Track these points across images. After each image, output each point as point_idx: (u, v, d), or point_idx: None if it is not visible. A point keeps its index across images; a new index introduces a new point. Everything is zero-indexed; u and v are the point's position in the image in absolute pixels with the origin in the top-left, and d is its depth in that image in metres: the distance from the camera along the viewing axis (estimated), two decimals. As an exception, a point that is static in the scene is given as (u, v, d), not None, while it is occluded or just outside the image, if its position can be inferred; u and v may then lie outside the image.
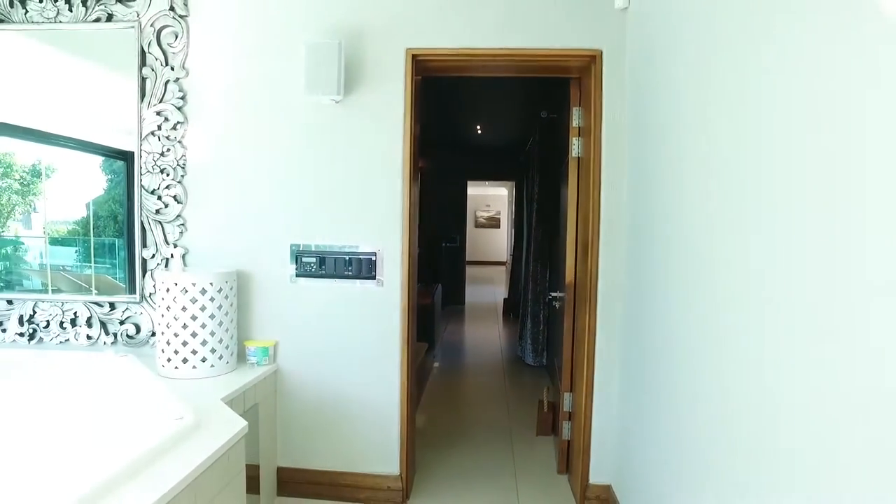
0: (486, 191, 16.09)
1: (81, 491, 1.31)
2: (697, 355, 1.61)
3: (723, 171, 1.44)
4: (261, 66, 2.66)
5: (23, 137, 3.01)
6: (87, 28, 2.75)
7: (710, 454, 1.48)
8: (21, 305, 2.84)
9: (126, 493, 1.40)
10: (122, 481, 1.43)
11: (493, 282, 12.56)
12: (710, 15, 1.57)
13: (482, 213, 17.00)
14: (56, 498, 1.27)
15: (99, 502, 1.33)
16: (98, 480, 1.36)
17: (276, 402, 2.71)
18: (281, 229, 2.67)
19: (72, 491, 1.30)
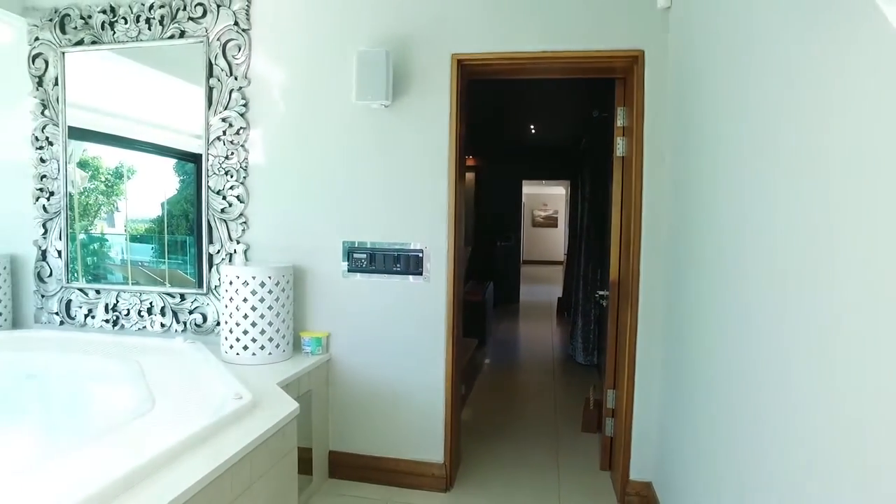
0: (543, 190, 16.02)
1: (158, 452, 1.50)
2: (742, 359, 1.58)
3: (771, 173, 1.37)
4: (314, 74, 2.84)
5: (108, 143, 3.33)
6: (163, 44, 3.02)
7: (757, 462, 1.41)
8: (107, 295, 3.15)
9: (194, 457, 1.58)
10: (192, 447, 1.62)
11: (550, 281, 12.51)
12: (754, 12, 1.53)
13: (539, 213, 16.92)
14: (139, 458, 1.46)
15: (173, 463, 1.52)
16: (172, 445, 1.55)
17: (329, 390, 2.88)
18: (334, 227, 2.84)
19: (150, 453, 1.49)
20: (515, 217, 9.80)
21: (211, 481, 1.53)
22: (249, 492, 1.77)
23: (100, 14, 3.08)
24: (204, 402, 1.98)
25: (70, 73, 3.19)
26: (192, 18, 2.95)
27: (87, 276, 3.25)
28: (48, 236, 3.25)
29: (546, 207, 16.83)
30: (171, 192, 3.25)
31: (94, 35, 3.11)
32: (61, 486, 1.34)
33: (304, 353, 2.79)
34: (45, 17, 3.16)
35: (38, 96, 3.21)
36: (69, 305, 3.23)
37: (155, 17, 3.00)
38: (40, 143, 3.23)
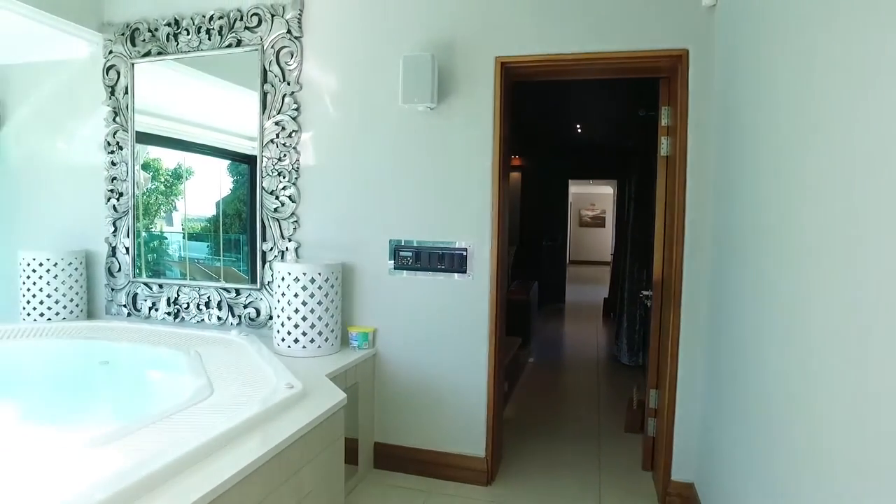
0: (590, 189, 15.84)
1: (218, 433, 1.63)
2: (791, 361, 1.54)
3: (824, 175, 1.33)
4: (362, 78, 2.96)
5: (169, 146, 3.55)
6: (221, 53, 3.20)
7: (819, 472, 1.33)
8: (168, 289, 3.36)
9: (249, 440, 1.71)
10: (248, 431, 1.75)
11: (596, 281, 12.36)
12: (811, 8, 1.46)
13: (587, 212, 16.73)
14: (202, 438, 1.59)
15: (231, 444, 1.65)
16: (230, 428, 1.68)
17: (374, 383, 2.99)
18: (380, 226, 2.95)
19: (211, 435, 1.62)
20: (562, 217, 9.75)
21: (264, 463, 1.64)
22: (299, 475, 1.88)
23: (165, 27, 3.28)
24: (258, 390, 2.11)
25: (138, 82, 3.42)
26: (248, 28, 3.12)
27: (149, 271, 3.48)
28: (117, 234, 3.49)
29: (594, 207, 16.63)
30: (225, 192, 3.43)
31: (160, 46, 3.32)
32: (134, 459, 1.48)
33: (351, 347, 2.91)
34: (118, 31, 3.40)
35: (110, 104, 3.46)
36: (135, 298, 3.46)
37: (214, 27, 3.18)
38: (111, 148, 3.47)
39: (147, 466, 1.43)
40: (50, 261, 3.31)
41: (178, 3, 3.28)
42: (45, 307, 3.31)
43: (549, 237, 9.27)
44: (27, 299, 3.32)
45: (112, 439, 1.64)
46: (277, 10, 3.06)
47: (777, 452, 1.58)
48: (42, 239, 3.68)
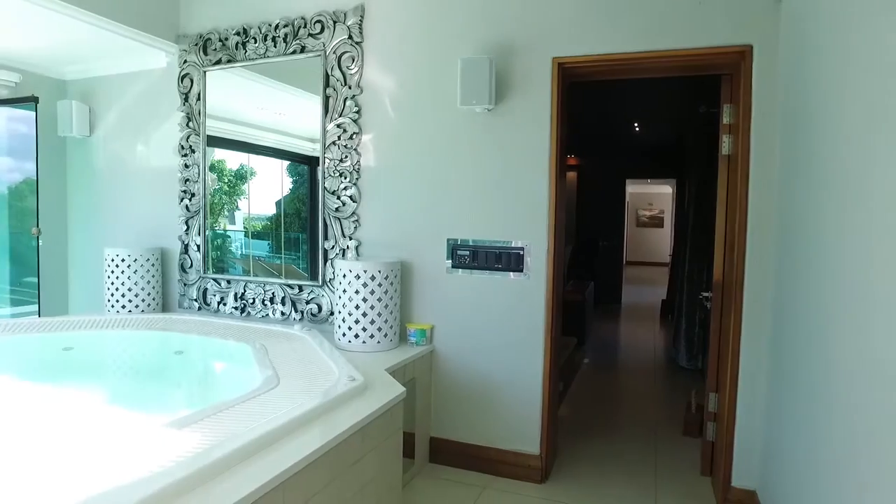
0: (648, 189, 15.46)
1: (285, 421, 1.73)
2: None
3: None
4: (421, 81, 3.03)
5: (234, 148, 3.75)
6: (286, 59, 3.34)
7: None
8: (236, 285, 3.55)
9: (313, 429, 1.80)
10: (312, 420, 1.84)
11: (654, 283, 12.07)
12: (882, 1, 1.41)
13: (644, 212, 16.35)
14: (272, 424, 1.69)
15: (296, 432, 1.75)
16: (296, 416, 1.78)
17: (431, 379, 3.06)
18: (438, 225, 3.01)
19: (280, 422, 1.72)
20: (619, 216, 9.59)
21: (330, 449, 1.73)
22: (359, 465, 1.96)
23: (234, 36, 3.46)
24: (321, 381, 2.21)
25: (209, 89, 3.62)
26: (312, 34, 3.25)
27: (214, 268, 3.68)
28: (189, 232, 3.70)
29: (651, 207, 16.23)
30: (285, 192, 3.59)
31: (229, 54, 3.51)
32: (211, 441, 1.59)
33: (409, 343, 2.99)
34: (192, 42, 3.61)
35: (184, 110, 3.67)
36: (205, 293, 3.66)
37: (279, 35, 3.33)
38: (185, 151, 3.68)
39: (223, 448, 1.54)
40: (130, 256, 3.55)
41: (247, 13, 3.45)
42: (126, 300, 3.56)
43: (605, 237, 9.13)
44: (111, 292, 3.58)
45: (189, 422, 1.76)
46: (339, 16, 3.17)
47: (847, 462, 1.54)
48: (123, 237, 3.95)
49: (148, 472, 1.39)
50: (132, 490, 1.30)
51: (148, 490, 1.30)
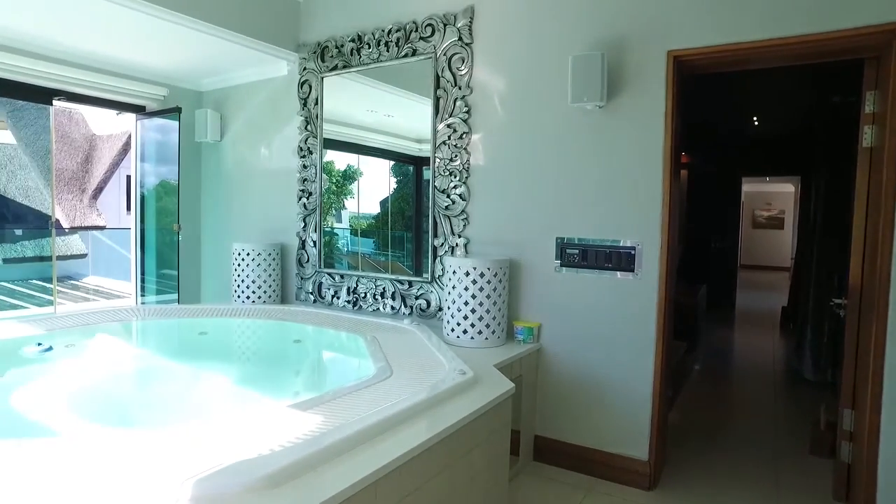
0: (766, 188, 14.39)
1: (402, 409, 1.80)
2: None
3: None
4: (531, 80, 3.03)
5: (343, 150, 3.94)
6: (397, 63, 3.47)
7: None
8: (349, 280, 3.73)
9: (427, 418, 1.86)
10: (425, 410, 1.91)
11: (772, 288, 11.22)
12: None
13: (762, 213, 15.23)
14: (390, 411, 1.78)
15: (411, 420, 1.82)
16: (411, 405, 1.86)
17: (538, 377, 3.05)
18: (547, 224, 3.00)
19: (397, 409, 1.80)
20: (733, 217, 9.01)
21: (438, 441, 1.78)
22: (469, 457, 2.01)
23: (350, 42, 3.64)
24: (432, 374, 2.28)
25: (325, 94, 3.83)
26: (423, 38, 3.34)
27: (327, 264, 3.88)
28: (307, 229, 3.94)
29: (770, 207, 15.08)
30: (389, 191, 3.73)
31: (345, 60, 3.69)
32: (333, 423, 1.70)
33: (516, 340, 3.00)
34: (310, 50, 3.84)
35: (303, 114, 3.92)
36: (320, 287, 3.88)
37: (392, 39, 3.46)
38: (303, 153, 3.93)
39: (344, 431, 1.63)
40: (255, 251, 3.85)
41: (361, 20, 3.62)
42: (250, 291, 3.86)
43: (718, 238, 8.61)
44: (237, 284, 3.90)
45: (311, 406, 1.88)
46: (449, 19, 3.24)
47: None
48: (248, 232, 4.28)
49: (277, 447, 1.52)
50: (260, 464, 1.42)
51: (274, 465, 1.41)
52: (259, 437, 1.60)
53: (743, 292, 9.51)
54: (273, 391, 2.70)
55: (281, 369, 3.15)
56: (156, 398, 2.61)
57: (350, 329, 3.18)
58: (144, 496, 1.28)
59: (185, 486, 1.31)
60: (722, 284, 8.50)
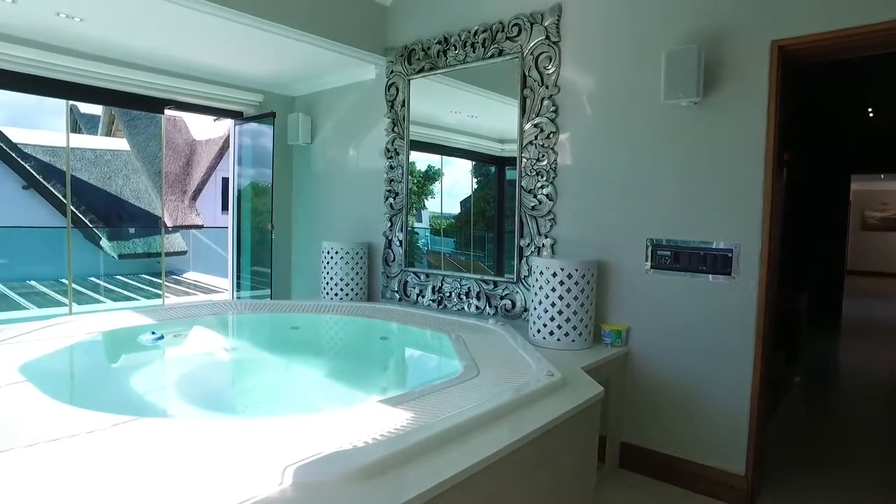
0: (881, 185, 13.21)
1: (492, 407, 1.81)
2: None
3: None
4: (620, 76, 2.95)
5: (427, 151, 3.99)
6: (483, 64, 3.48)
7: None
8: (434, 279, 3.78)
9: (516, 418, 1.85)
10: (513, 411, 1.89)
11: (887, 296, 10.30)
12: None
13: (874, 213, 13.99)
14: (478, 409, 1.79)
15: (499, 420, 1.82)
16: (499, 405, 1.86)
17: (625, 382, 2.96)
18: (637, 224, 2.91)
19: (486, 408, 1.81)
20: (839, 218, 8.34)
21: (528, 443, 1.76)
22: (556, 461, 1.98)
23: (436, 45, 3.69)
24: (519, 375, 2.27)
25: (411, 96, 3.91)
26: (509, 38, 3.33)
27: (411, 262, 3.95)
28: (393, 229, 4.03)
29: (885, 207, 13.82)
30: (470, 191, 3.74)
31: (431, 63, 3.75)
32: (422, 420, 1.72)
33: (603, 343, 2.93)
34: (398, 53, 3.93)
35: (390, 116, 4.02)
36: (406, 286, 3.96)
37: (478, 40, 3.47)
38: (390, 154, 4.02)
39: (432, 428, 1.65)
40: (343, 249, 3.98)
41: (448, 22, 3.66)
42: (338, 288, 3.99)
43: (822, 242, 8.00)
44: (325, 281, 4.04)
45: (400, 402, 1.92)
46: (536, 18, 3.21)
47: None
48: (337, 231, 4.44)
49: (369, 441, 1.57)
50: (356, 455, 1.47)
51: (368, 458, 1.45)
52: (351, 431, 1.65)
53: (851, 300, 8.79)
54: (361, 386, 2.79)
55: (368, 365, 3.25)
56: (253, 387, 2.77)
57: (435, 328, 3.22)
58: (249, 478, 1.35)
59: (287, 471, 1.37)
60: (827, 291, 7.89)
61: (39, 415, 1.72)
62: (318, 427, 1.68)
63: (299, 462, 1.41)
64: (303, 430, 1.65)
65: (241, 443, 1.54)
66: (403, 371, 3.24)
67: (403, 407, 1.87)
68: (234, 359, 3.20)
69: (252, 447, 1.52)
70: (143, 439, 1.54)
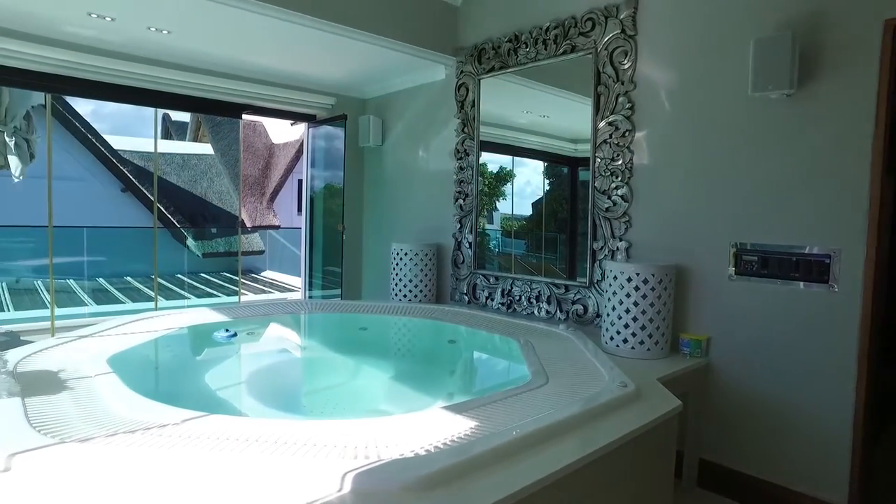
0: None
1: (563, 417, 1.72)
2: None
3: None
4: (702, 70, 2.76)
5: (498, 151, 3.93)
6: (555, 61, 3.38)
7: None
8: (503, 282, 3.71)
9: (586, 430, 1.75)
10: (584, 422, 1.80)
11: None
12: None
13: None
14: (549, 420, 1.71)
15: (570, 431, 1.72)
16: (571, 415, 1.77)
17: (705, 396, 2.77)
18: (720, 227, 2.71)
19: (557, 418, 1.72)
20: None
21: (600, 457, 1.66)
22: (630, 478, 1.86)
23: (507, 43, 3.62)
24: (591, 384, 2.16)
25: (481, 96, 3.85)
26: (582, 33, 3.21)
27: (480, 265, 3.88)
28: (462, 230, 3.99)
29: None
30: (542, 193, 3.64)
31: (501, 61, 3.68)
32: (487, 429, 1.66)
33: (681, 353, 2.76)
34: (468, 53, 3.89)
35: (460, 117, 3.98)
36: (475, 288, 3.90)
37: (550, 37, 3.37)
38: (460, 155, 3.99)
39: (499, 438, 1.59)
40: (412, 251, 3.98)
41: (519, 19, 3.58)
42: (407, 290, 4.00)
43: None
44: (394, 282, 4.06)
45: (466, 409, 1.86)
46: (611, 11, 3.08)
47: None
48: (406, 233, 4.45)
49: (431, 449, 1.53)
50: (417, 464, 1.43)
51: (430, 467, 1.40)
52: (414, 437, 1.62)
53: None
54: (427, 390, 2.76)
55: (435, 368, 3.22)
56: (319, 388, 2.80)
57: (504, 332, 3.14)
58: (309, 482, 1.34)
59: (347, 477, 1.35)
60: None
61: (120, 406, 1.80)
62: (382, 431, 1.66)
63: (360, 468, 1.39)
64: (366, 433, 1.63)
65: (305, 444, 1.54)
66: (470, 376, 3.19)
67: (468, 414, 1.82)
68: (303, 358, 3.26)
69: (315, 449, 1.51)
70: (209, 436, 1.57)
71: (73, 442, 1.50)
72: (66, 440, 1.51)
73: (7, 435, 1.52)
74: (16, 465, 1.38)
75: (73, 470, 1.37)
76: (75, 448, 1.46)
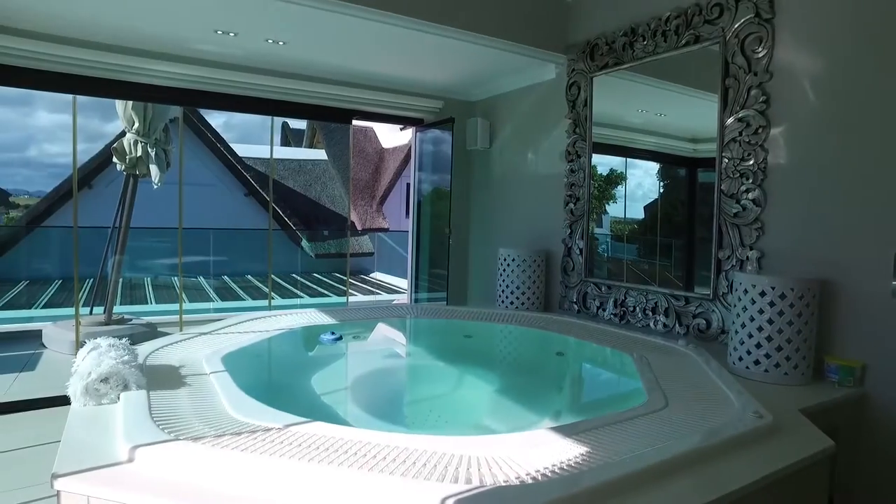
0: None
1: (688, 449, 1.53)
2: None
3: None
4: (853, 54, 2.39)
5: (610, 153, 3.73)
6: (676, 53, 3.11)
7: None
8: (616, 291, 3.48)
9: (710, 468, 1.54)
10: (709, 458, 1.58)
11: None
12: None
13: None
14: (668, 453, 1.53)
15: (690, 468, 1.52)
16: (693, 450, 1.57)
17: (861, 433, 2.38)
18: (879, 236, 2.32)
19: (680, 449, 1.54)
20: None
21: (734, 501, 1.45)
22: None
23: (621, 37, 3.40)
24: (716, 411, 1.92)
25: (594, 94, 3.65)
26: (708, 21, 2.93)
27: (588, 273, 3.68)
28: (573, 236, 3.81)
29: None
30: (656, 196, 3.37)
31: (616, 57, 3.46)
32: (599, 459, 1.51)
33: (827, 380, 2.40)
34: (579, 50, 3.71)
35: (571, 117, 3.81)
36: (585, 297, 3.70)
37: (670, 28, 3.11)
38: (571, 157, 3.81)
39: (614, 470, 1.44)
40: (520, 257, 3.86)
41: (634, 11, 3.35)
42: (514, 297, 3.88)
43: None
44: (501, 289, 3.95)
45: (575, 432, 1.72)
46: (743, -6, 2.77)
47: None
48: (513, 238, 4.34)
49: (537, 475, 1.42)
50: (520, 494, 1.34)
51: (533, 499, 1.30)
52: (518, 461, 1.51)
53: None
54: (533, 406, 2.62)
55: (542, 383, 3.07)
56: (421, 399, 2.76)
57: (616, 345, 2.93)
58: (406, 502, 1.28)
59: (447, 503, 1.27)
60: None
61: (229, 406, 1.84)
62: (484, 451, 1.56)
63: (460, 494, 1.30)
64: (468, 452, 1.55)
65: (405, 461, 1.48)
66: (579, 393, 3.00)
67: (577, 438, 1.67)
68: (407, 366, 3.24)
69: (415, 468, 1.44)
70: (309, 444, 1.55)
71: (185, 439, 1.54)
72: (180, 437, 1.56)
73: (133, 427, 1.60)
74: (138, 457, 1.44)
75: (183, 468, 1.42)
76: (187, 446, 1.50)
